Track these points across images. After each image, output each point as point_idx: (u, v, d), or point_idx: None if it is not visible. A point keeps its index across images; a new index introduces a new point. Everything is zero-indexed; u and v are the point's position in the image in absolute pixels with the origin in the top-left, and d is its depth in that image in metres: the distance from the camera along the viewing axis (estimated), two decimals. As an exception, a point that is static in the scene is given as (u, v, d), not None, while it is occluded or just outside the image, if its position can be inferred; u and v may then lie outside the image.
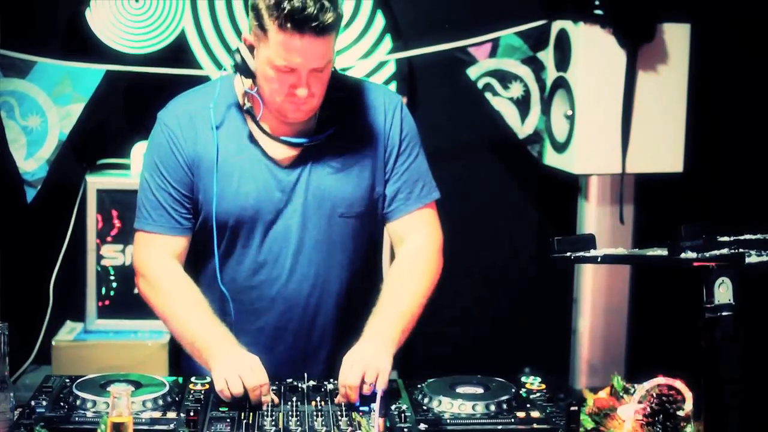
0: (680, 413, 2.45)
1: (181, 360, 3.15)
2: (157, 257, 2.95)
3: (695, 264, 2.14)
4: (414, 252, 3.00)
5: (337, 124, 2.93)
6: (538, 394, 2.73)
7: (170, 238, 2.95)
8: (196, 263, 3.04)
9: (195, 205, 2.94)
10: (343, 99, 2.96)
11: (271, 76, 2.76)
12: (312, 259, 2.93)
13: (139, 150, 4.54)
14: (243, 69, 2.87)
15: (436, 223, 3.06)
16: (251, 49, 2.82)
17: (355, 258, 3.00)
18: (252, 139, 2.91)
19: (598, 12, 4.40)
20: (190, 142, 2.91)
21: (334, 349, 2.97)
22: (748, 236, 2.24)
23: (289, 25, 2.66)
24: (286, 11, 2.65)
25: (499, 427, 2.53)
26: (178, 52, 4.75)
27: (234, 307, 2.95)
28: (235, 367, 2.65)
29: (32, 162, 4.50)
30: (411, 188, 3.00)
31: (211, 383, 2.70)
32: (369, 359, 2.67)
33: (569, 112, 4.48)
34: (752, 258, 2.18)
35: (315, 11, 2.65)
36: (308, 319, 2.97)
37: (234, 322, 2.94)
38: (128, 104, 4.75)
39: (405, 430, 2.46)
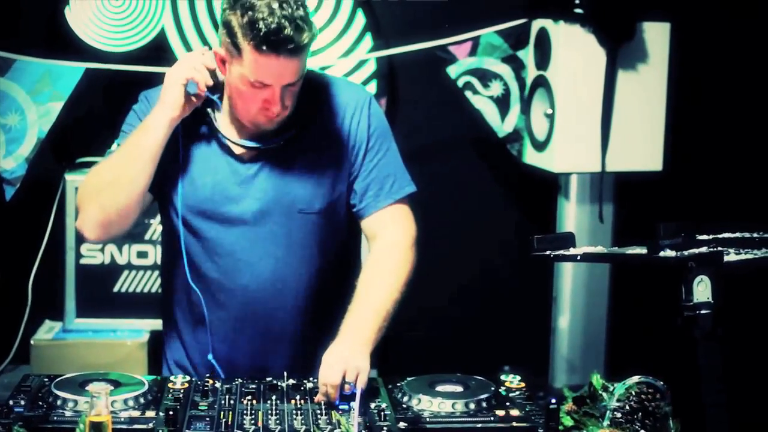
0: (660, 411, 2.45)
1: (165, 352, 3.15)
2: None
3: (674, 262, 2.15)
4: (386, 248, 2.98)
5: (301, 123, 2.92)
6: (517, 393, 2.73)
7: None
8: (164, 256, 3.09)
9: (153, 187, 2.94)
10: (312, 97, 2.96)
11: (245, 91, 2.77)
12: (270, 253, 2.93)
13: (118, 148, 4.53)
14: (213, 77, 2.88)
15: (408, 218, 3.04)
16: (222, 62, 2.81)
17: (317, 255, 2.99)
18: (214, 132, 2.92)
19: (579, 11, 4.40)
20: None
21: (296, 343, 2.99)
22: (727, 235, 2.26)
23: (264, 47, 2.65)
24: (262, 33, 2.64)
25: (479, 425, 2.53)
26: (157, 50, 4.75)
27: (197, 298, 2.97)
28: (179, 65, 2.85)
29: (11, 160, 4.48)
30: (381, 184, 2.99)
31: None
32: (348, 358, 2.67)
33: (549, 111, 4.48)
34: (731, 256, 2.19)
35: (291, 32, 2.64)
36: (268, 313, 2.96)
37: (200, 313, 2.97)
38: (107, 102, 4.74)
39: (384, 428, 2.46)
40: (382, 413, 2.54)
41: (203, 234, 2.93)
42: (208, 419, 2.50)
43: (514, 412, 2.59)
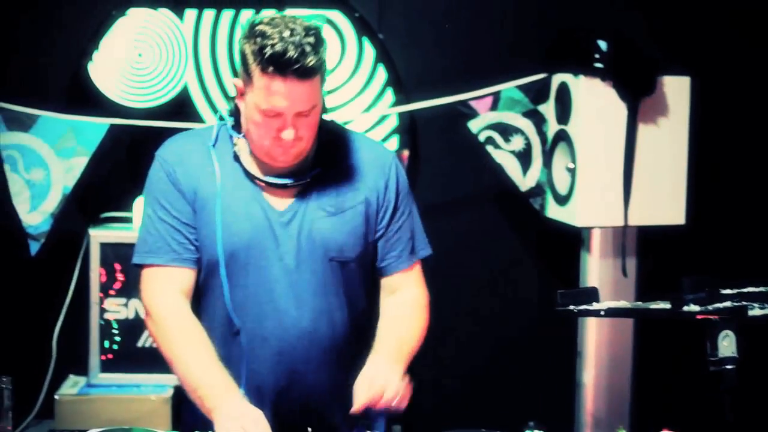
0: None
1: (182, 413, 3.14)
2: (163, 293, 2.94)
3: (698, 317, 2.14)
4: (411, 299, 3.08)
5: (329, 169, 2.97)
6: (542, 448, 2.73)
7: (176, 270, 2.95)
8: (195, 302, 3.02)
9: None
10: (339, 147, 3.02)
11: (258, 120, 2.81)
12: (304, 302, 2.94)
13: (141, 203, 4.54)
14: (236, 115, 2.94)
15: (422, 281, 3.13)
16: (241, 94, 2.86)
17: (347, 303, 3.02)
18: (248, 178, 2.94)
19: (598, 65, 4.41)
20: (189, 177, 2.95)
21: (329, 392, 2.99)
22: (751, 289, 2.25)
23: (271, 68, 2.72)
24: (267, 55, 2.71)
25: (504, 481, 2.53)
26: (181, 106, 4.79)
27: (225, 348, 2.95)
28: (239, 420, 2.64)
29: (36, 215, 4.50)
30: (404, 246, 3.07)
31: None
32: (389, 378, 2.75)
33: (571, 165, 4.49)
34: (755, 311, 2.18)
35: (296, 55, 2.71)
36: (301, 362, 2.97)
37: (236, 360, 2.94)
38: (131, 158, 4.77)
39: (409, 484, 2.46)
40: (407, 469, 2.54)
41: (238, 282, 2.93)
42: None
43: (539, 468, 2.58)
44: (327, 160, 2.98)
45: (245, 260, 2.92)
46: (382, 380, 2.73)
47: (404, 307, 3.06)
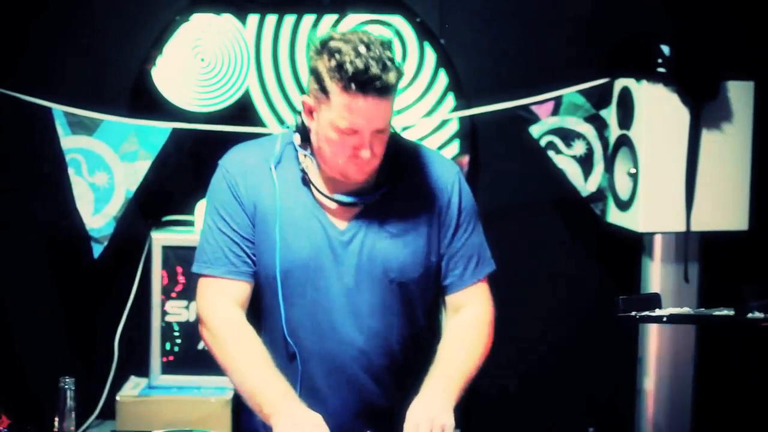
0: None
1: (241, 416, 3.15)
2: (219, 304, 2.94)
3: (763, 324, 2.12)
4: (469, 320, 3.03)
5: (394, 187, 2.94)
6: (602, 455, 2.71)
7: (232, 283, 2.94)
8: (252, 317, 3.02)
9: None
10: (403, 164, 2.98)
11: (334, 138, 2.77)
12: (362, 322, 2.92)
13: (203, 207, 4.57)
14: (303, 131, 2.90)
15: (489, 297, 3.08)
16: (310, 112, 2.83)
17: (406, 321, 2.99)
18: (312, 196, 2.93)
19: (661, 70, 4.39)
20: (250, 190, 2.94)
21: (388, 409, 2.97)
22: (816, 296, 2.22)
23: (353, 86, 2.67)
24: (349, 73, 2.66)
25: (564, 487, 2.51)
26: (242, 110, 4.81)
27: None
28: (298, 425, 2.64)
29: (99, 218, 4.54)
30: (466, 264, 3.02)
31: None
32: (435, 417, 2.67)
33: (633, 170, 4.46)
34: (821, 318, 2.16)
35: (378, 72, 2.67)
36: (357, 382, 2.96)
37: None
38: (193, 161, 4.80)
39: (469, 489, 2.45)
40: (466, 474, 2.53)
41: (296, 300, 2.92)
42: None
43: (600, 475, 2.57)
44: (392, 178, 2.95)
45: (303, 278, 2.91)
46: (429, 423, 2.68)
47: (466, 328, 3.01)
